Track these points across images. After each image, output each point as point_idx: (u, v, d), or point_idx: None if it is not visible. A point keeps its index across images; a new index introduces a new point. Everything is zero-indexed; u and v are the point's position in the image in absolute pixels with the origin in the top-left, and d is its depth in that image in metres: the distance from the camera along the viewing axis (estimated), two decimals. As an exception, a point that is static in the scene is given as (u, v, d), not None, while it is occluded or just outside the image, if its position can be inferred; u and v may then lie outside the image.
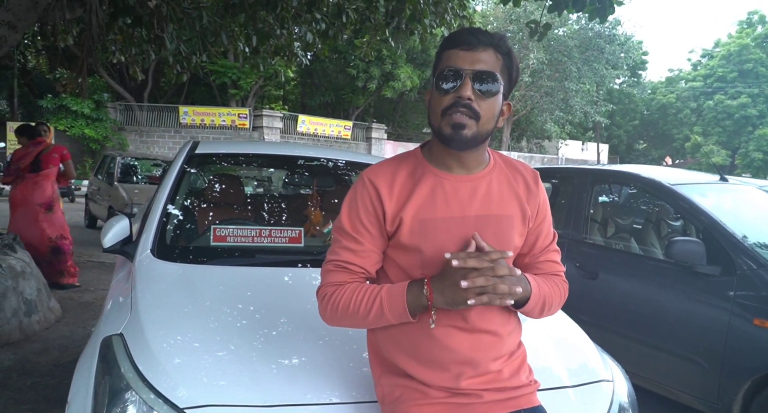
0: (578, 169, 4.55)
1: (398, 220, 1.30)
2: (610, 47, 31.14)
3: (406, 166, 1.36)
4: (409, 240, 1.29)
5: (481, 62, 1.23)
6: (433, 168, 1.34)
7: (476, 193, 1.32)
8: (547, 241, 1.43)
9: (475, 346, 1.27)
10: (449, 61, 1.25)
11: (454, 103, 1.23)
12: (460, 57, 1.24)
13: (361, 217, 1.32)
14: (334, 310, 1.30)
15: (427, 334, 1.27)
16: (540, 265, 1.43)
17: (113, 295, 2.14)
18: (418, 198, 1.30)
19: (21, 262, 4.47)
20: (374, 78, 25.22)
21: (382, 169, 1.36)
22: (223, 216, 2.80)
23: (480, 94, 1.23)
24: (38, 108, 20.68)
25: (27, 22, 4.35)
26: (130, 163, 11.16)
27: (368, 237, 1.32)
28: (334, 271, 1.33)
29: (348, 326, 1.34)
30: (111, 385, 1.42)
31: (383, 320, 1.26)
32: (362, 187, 1.34)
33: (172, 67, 6.62)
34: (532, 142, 37.48)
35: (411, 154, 1.40)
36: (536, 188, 1.39)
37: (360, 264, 1.32)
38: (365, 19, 6.08)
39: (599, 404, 1.64)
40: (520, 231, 1.35)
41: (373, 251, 1.33)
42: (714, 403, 3.02)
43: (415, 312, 1.24)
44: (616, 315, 3.59)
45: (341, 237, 1.34)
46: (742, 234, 3.20)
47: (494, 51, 1.25)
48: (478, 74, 1.23)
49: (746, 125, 38.84)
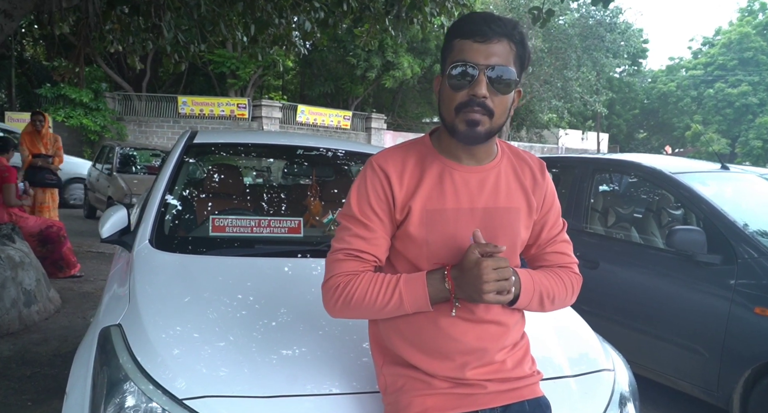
0: (579, 158, 4.53)
1: (407, 209, 1.27)
2: (610, 35, 30.93)
3: (415, 153, 1.33)
4: (416, 231, 1.27)
5: (496, 55, 1.19)
6: (442, 157, 1.32)
7: (485, 185, 1.30)
8: (554, 232, 1.41)
9: (481, 336, 1.26)
10: (462, 54, 1.20)
11: (468, 101, 1.20)
12: (474, 50, 1.19)
13: (372, 204, 1.28)
14: (346, 301, 1.25)
15: (432, 324, 1.26)
16: (547, 256, 1.41)
17: (111, 286, 2.13)
18: (426, 187, 1.28)
19: (20, 252, 4.46)
20: (375, 67, 25.10)
21: (391, 156, 1.33)
22: (222, 206, 2.79)
23: (495, 90, 1.20)
24: (37, 97, 20.58)
25: (23, 10, 4.30)
26: (128, 153, 11.11)
27: (379, 224, 1.29)
28: (345, 260, 1.28)
29: (356, 317, 1.30)
30: (109, 376, 1.41)
31: (401, 310, 1.24)
32: (372, 173, 1.30)
33: (170, 57, 6.57)
34: (532, 131, 37.37)
35: (419, 142, 1.37)
36: (542, 179, 1.38)
37: (372, 252, 1.28)
38: (365, 7, 6.03)
39: (600, 393, 1.64)
40: (525, 223, 1.34)
41: (383, 238, 1.30)
42: (714, 391, 3.03)
43: (435, 303, 1.23)
44: (617, 305, 3.59)
45: (351, 225, 1.29)
46: (743, 223, 3.19)
47: (508, 41, 1.21)
48: (493, 69, 1.19)
49: (746, 113, 38.71)
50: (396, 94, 31.04)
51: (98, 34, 6.03)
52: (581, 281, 1.44)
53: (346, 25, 6.78)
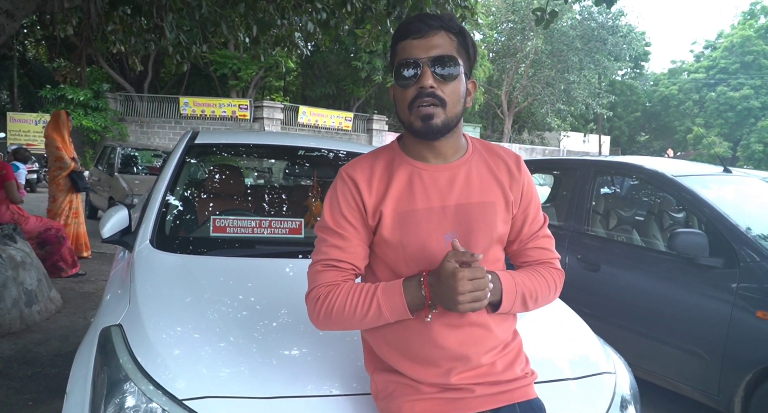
0: (580, 161, 4.53)
1: (379, 213, 1.28)
2: (612, 38, 30.96)
3: (383, 159, 1.35)
4: (390, 234, 1.28)
5: (436, 47, 1.23)
6: (409, 159, 1.33)
7: (455, 182, 1.30)
8: (535, 227, 1.40)
9: (464, 341, 1.25)
10: (404, 53, 1.25)
11: (417, 95, 1.23)
12: (414, 46, 1.23)
13: (344, 212, 1.30)
14: (327, 313, 1.26)
15: (416, 331, 1.25)
16: (529, 252, 1.40)
17: (112, 286, 2.13)
18: (395, 190, 1.29)
19: (21, 252, 4.46)
20: (378, 69, 25.13)
21: (359, 164, 1.35)
22: (223, 206, 2.78)
23: (441, 79, 1.23)
24: (38, 98, 20.62)
25: (25, 11, 4.31)
26: (130, 153, 11.12)
27: (353, 231, 1.30)
28: (323, 271, 1.30)
29: (340, 329, 1.30)
30: (109, 376, 1.41)
31: (381, 319, 1.24)
32: (342, 183, 1.33)
33: (172, 57, 6.58)
34: (534, 133, 37.37)
35: (388, 148, 1.39)
36: (519, 173, 1.37)
37: (349, 260, 1.29)
38: (366, 8, 6.03)
39: (601, 396, 1.63)
40: (503, 217, 1.33)
41: (359, 246, 1.31)
42: (716, 395, 3.02)
43: (413, 310, 1.23)
44: (618, 308, 3.58)
45: (326, 236, 1.31)
46: (746, 226, 3.18)
47: (446, 33, 1.25)
48: (435, 60, 1.22)
49: (748, 117, 38.68)
50: (397, 95, 31.01)
51: (100, 35, 6.04)
52: (564, 276, 1.43)
53: (348, 26, 6.79)
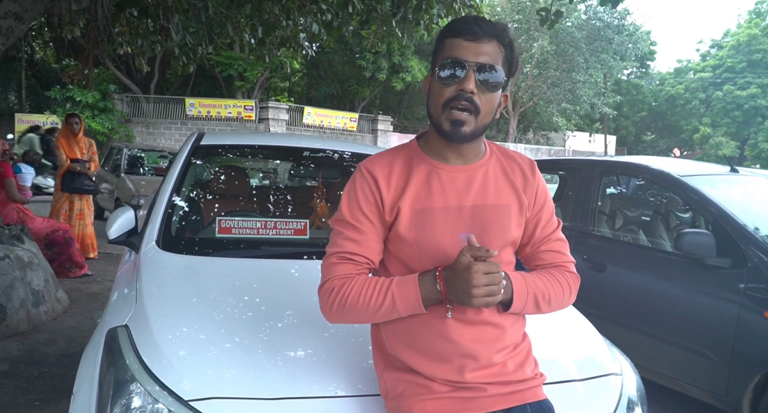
0: (586, 161, 4.51)
1: (396, 210, 1.29)
2: (618, 38, 30.87)
3: (402, 156, 1.37)
4: (406, 231, 1.29)
5: (485, 54, 1.23)
6: (429, 158, 1.35)
7: (472, 183, 1.32)
8: (548, 230, 1.40)
9: (476, 338, 1.26)
10: (452, 51, 1.24)
11: (456, 96, 1.23)
12: (464, 47, 1.23)
13: (362, 207, 1.31)
14: (341, 305, 1.26)
15: (428, 326, 1.26)
16: (542, 255, 1.41)
17: (118, 287, 2.14)
18: (414, 188, 1.30)
19: (28, 253, 4.49)
20: (383, 69, 25.14)
21: (379, 160, 1.36)
22: (229, 207, 2.79)
23: (482, 87, 1.23)
24: (46, 99, 20.71)
25: (33, 13, 4.33)
26: (136, 154, 11.18)
27: (369, 226, 1.31)
28: (338, 264, 1.30)
29: (352, 321, 1.31)
30: (116, 377, 1.42)
31: (395, 313, 1.25)
32: (360, 178, 1.34)
33: (178, 59, 6.61)
34: (539, 133, 37.29)
35: (407, 146, 1.41)
36: (533, 177, 1.39)
37: (364, 254, 1.30)
38: (371, 9, 6.04)
39: (608, 398, 1.63)
40: (517, 221, 1.34)
41: (375, 240, 1.32)
42: (723, 396, 3.00)
43: (428, 305, 1.23)
44: (625, 308, 3.57)
45: (343, 229, 1.32)
46: (753, 226, 3.16)
47: (497, 42, 1.25)
48: (482, 66, 1.22)
49: (755, 116, 38.45)
50: (402, 95, 31.07)
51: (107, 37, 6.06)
52: (579, 280, 1.42)
53: (353, 26, 6.79)
